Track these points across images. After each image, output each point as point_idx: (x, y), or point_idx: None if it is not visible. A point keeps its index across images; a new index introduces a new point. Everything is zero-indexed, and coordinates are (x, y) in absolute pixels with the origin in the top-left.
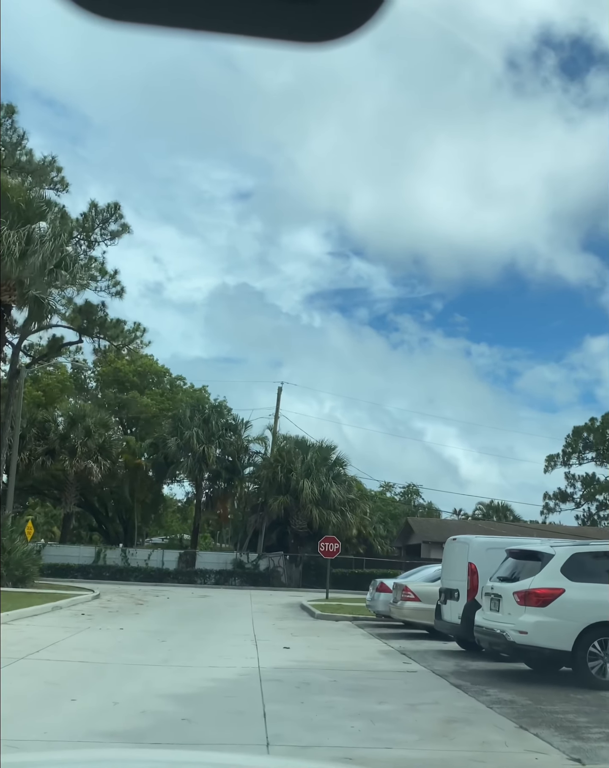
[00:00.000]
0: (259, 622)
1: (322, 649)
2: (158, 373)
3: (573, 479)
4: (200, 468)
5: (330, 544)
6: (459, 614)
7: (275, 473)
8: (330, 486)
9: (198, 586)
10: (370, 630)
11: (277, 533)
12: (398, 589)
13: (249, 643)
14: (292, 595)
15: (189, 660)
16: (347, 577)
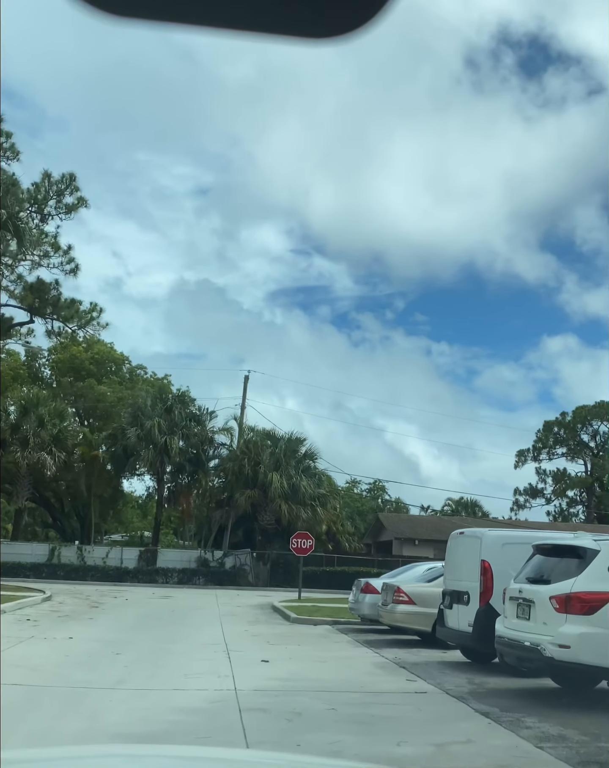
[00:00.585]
0: (229, 627)
1: (308, 662)
2: (117, 361)
3: (544, 474)
4: (162, 460)
5: (303, 541)
6: (469, 621)
7: (242, 466)
8: (300, 479)
9: (160, 585)
10: (356, 636)
11: (244, 530)
12: (389, 591)
13: (220, 655)
14: (261, 595)
15: (149, 680)
16: (318, 575)
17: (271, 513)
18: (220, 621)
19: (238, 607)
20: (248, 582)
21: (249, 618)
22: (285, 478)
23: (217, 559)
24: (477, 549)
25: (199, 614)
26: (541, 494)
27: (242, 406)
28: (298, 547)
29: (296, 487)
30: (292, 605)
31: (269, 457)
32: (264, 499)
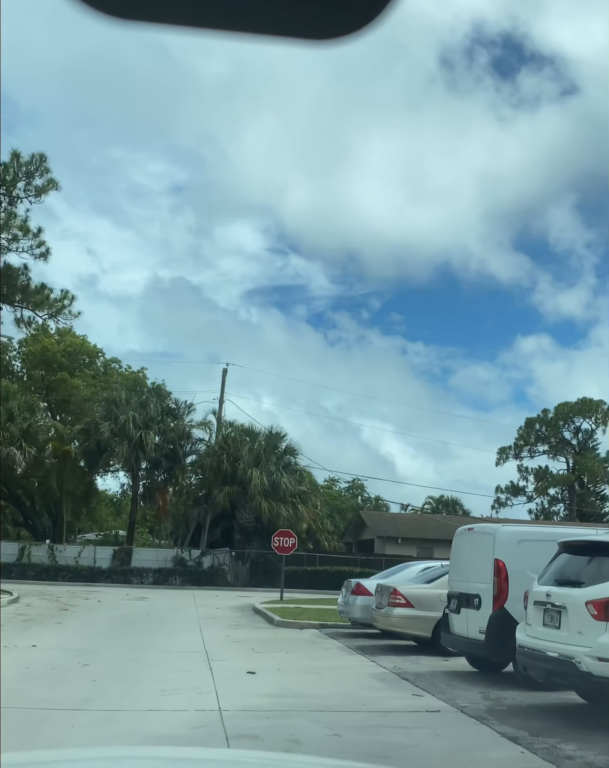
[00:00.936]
0: (209, 632)
1: (299, 674)
2: (90, 354)
3: (526, 472)
4: (137, 456)
5: (285, 539)
6: (481, 627)
7: (220, 462)
8: (280, 476)
9: (134, 586)
10: (346, 642)
11: (222, 528)
12: (384, 593)
13: (201, 665)
14: (241, 596)
15: (119, 698)
16: (299, 575)
17: (251, 511)
18: (199, 625)
19: (217, 609)
20: (227, 582)
21: (230, 621)
22: (265, 474)
23: (194, 559)
24: (489, 547)
25: (176, 617)
26: (523, 492)
27: (220, 400)
28: (281, 545)
29: (277, 484)
30: (274, 607)
31: (248, 453)
32: (243, 497)
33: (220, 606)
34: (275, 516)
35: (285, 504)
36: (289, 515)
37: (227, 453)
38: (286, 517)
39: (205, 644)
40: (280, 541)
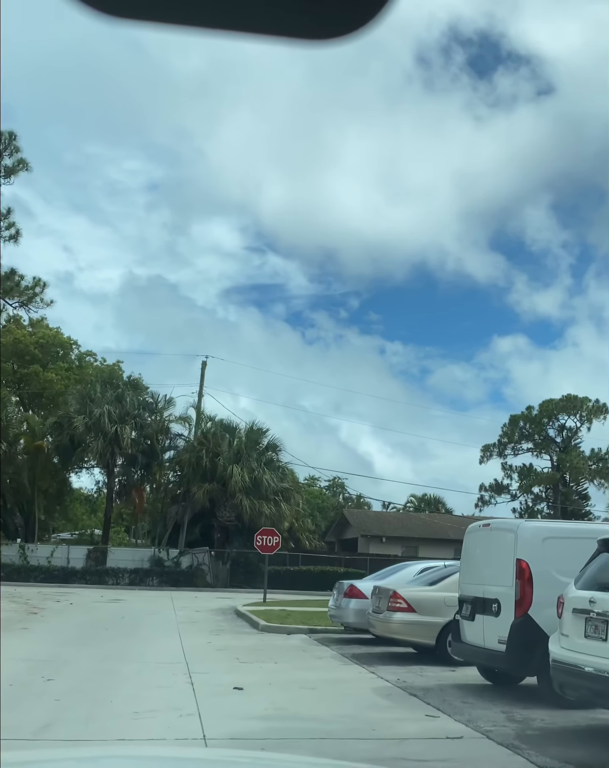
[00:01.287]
0: (189, 638)
1: (293, 689)
2: (64, 346)
3: (510, 470)
4: (112, 451)
5: (268, 538)
6: (500, 636)
7: (199, 458)
8: (262, 473)
9: (110, 587)
10: (340, 649)
11: (202, 527)
12: (382, 596)
13: (181, 679)
14: (222, 597)
15: (85, 724)
16: (282, 575)
17: (231, 509)
18: (178, 630)
19: (197, 612)
20: (206, 583)
21: (211, 626)
22: (246, 471)
23: (172, 559)
24: (509, 545)
25: (153, 621)
26: (507, 490)
27: (199, 393)
28: (264, 544)
29: (258, 481)
30: (258, 609)
31: (229, 449)
32: (223, 494)
33: (200, 608)
34: (257, 514)
35: (267, 502)
36: (271, 513)
37: (207, 449)
38: (268, 515)
39: (185, 653)
40: (264, 540)
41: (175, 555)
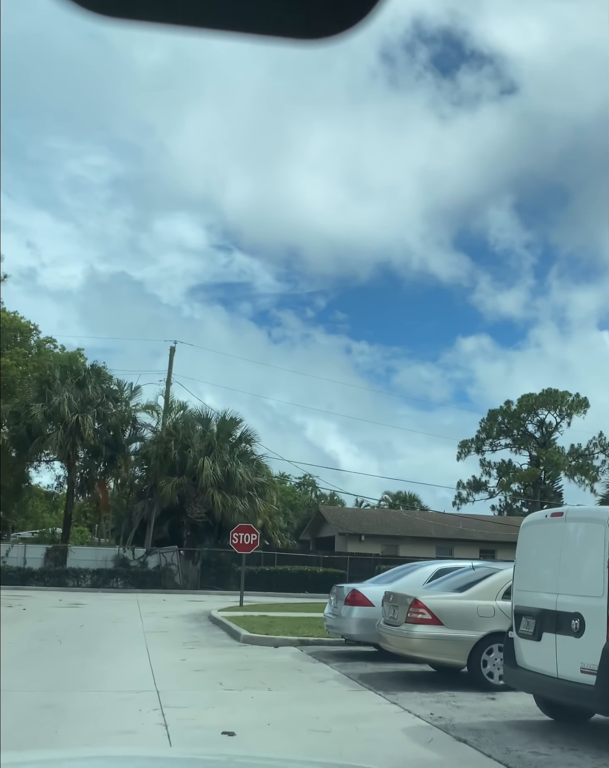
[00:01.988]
0: (159, 654)
1: (300, 733)
2: (22, 330)
3: (489, 466)
4: (73, 443)
5: (245, 535)
6: (584, 664)
7: (168, 450)
8: (235, 466)
9: (70, 589)
10: (341, 666)
11: (170, 524)
12: (398, 604)
13: (150, 719)
14: (193, 601)
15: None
16: (257, 576)
17: (202, 504)
18: (146, 643)
19: (166, 618)
20: (175, 584)
21: (184, 637)
22: (218, 464)
23: (138, 558)
24: (598, 541)
25: (116, 631)
26: (484, 487)
27: (168, 381)
28: (240, 542)
29: (231, 475)
30: (236, 616)
31: (200, 440)
32: (193, 489)
33: (170, 614)
34: (230, 510)
35: (240, 497)
36: (245, 509)
37: (176, 440)
38: (241, 511)
39: (155, 676)
40: (240, 538)
41: (142, 554)
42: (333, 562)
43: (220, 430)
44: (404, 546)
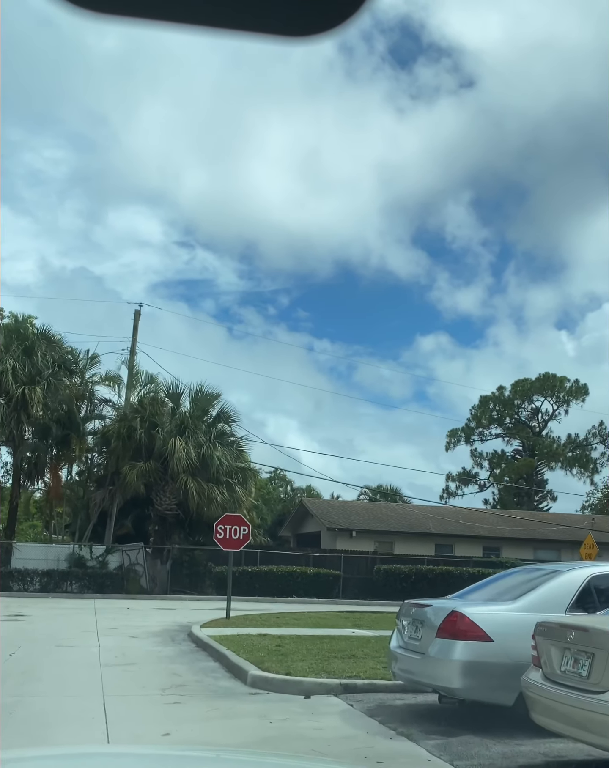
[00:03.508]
0: (123, 710)
1: None
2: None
3: (480, 457)
4: (19, 419)
5: (234, 528)
6: None
7: (132, 429)
8: (213, 449)
9: (14, 594)
10: (445, 748)
11: (135, 517)
12: (589, 645)
13: None
14: (163, 609)
15: None
16: (237, 577)
17: (173, 494)
18: (102, 684)
19: (132, 638)
20: (141, 588)
21: (160, 675)
22: (192, 446)
23: (97, 557)
24: None
25: (60, 662)
26: (475, 480)
27: (132, 350)
28: (227, 537)
29: (208, 459)
30: (226, 635)
31: (170, 419)
32: (163, 475)
33: (137, 630)
34: (206, 501)
35: (218, 485)
36: (224, 500)
37: (142, 418)
38: (219, 502)
39: None
40: (227, 531)
41: (101, 553)
42: (324, 561)
43: (194, 407)
44: (400, 542)
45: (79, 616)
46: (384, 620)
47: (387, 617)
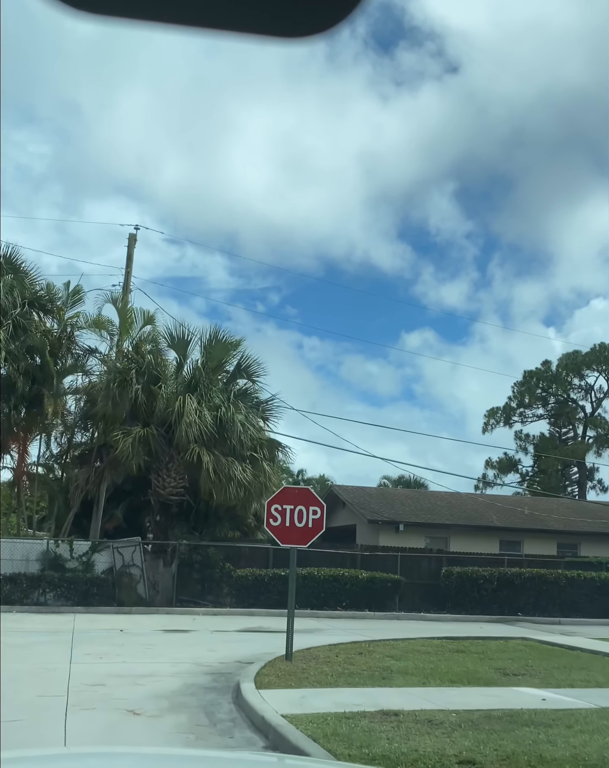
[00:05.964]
0: None
1: None
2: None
3: (524, 440)
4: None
5: (298, 510)
6: None
7: (125, 384)
8: (233, 411)
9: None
10: None
11: (129, 504)
12: None
13: None
14: (172, 631)
15: None
16: (264, 583)
17: (180, 471)
18: None
19: (131, 713)
20: (138, 597)
21: None
22: (206, 406)
23: (79, 556)
24: None
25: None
26: (516, 469)
27: (126, 283)
28: (286, 525)
29: (228, 423)
30: (322, 715)
31: (176, 373)
32: (166, 448)
33: (138, 687)
34: (225, 479)
35: (241, 460)
36: (247, 480)
37: (138, 370)
38: (241, 482)
39: None
40: (286, 516)
41: (85, 551)
42: (376, 561)
43: (208, 358)
44: (457, 538)
45: (45, 651)
46: (517, 653)
47: (507, 646)
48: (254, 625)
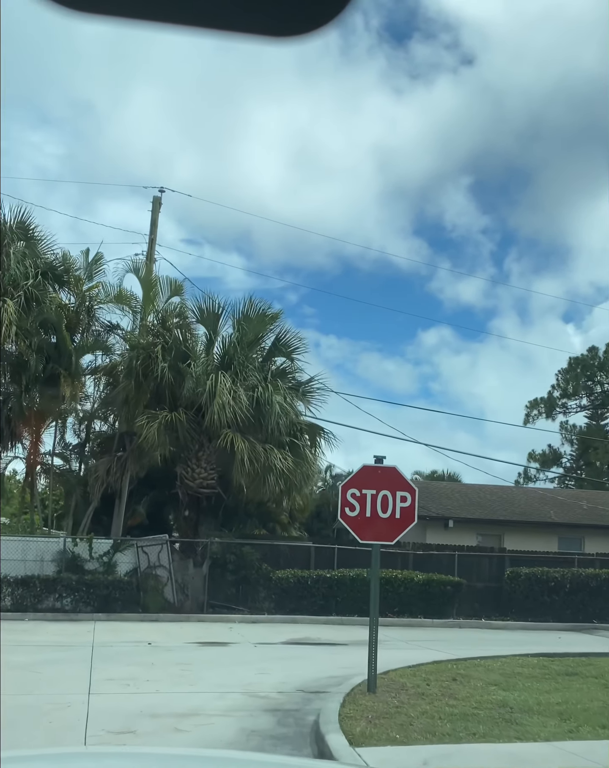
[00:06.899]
0: None
1: None
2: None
3: (570, 432)
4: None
5: (382, 496)
6: None
7: (149, 363)
8: (272, 391)
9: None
10: None
11: (153, 498)
12: None
13: None
14: (208, 644)
15: None
16: (306, 586)
17: (211, 462)
18: None
19: None
20: (165, 602)
21: None
22: (241, 385)
23: (100, 557)
24: None
25: None
26: (559, 462)
27: (149, 253)
28: (366, 516)
29: (266, 405)
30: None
31: (206, 349)
32: (196, 434)
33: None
34: (264, 470)
35: (280, 448)
36: (288, 467)
37: (164, 347)
38: (283, 472)
39: None
40: (363, 505)
41: (106, 550)
42: (430, 561)
43: (242, 333)
44: (511, 535)
45: (58, 674)
46: None
47: None
48: (300, 635)
